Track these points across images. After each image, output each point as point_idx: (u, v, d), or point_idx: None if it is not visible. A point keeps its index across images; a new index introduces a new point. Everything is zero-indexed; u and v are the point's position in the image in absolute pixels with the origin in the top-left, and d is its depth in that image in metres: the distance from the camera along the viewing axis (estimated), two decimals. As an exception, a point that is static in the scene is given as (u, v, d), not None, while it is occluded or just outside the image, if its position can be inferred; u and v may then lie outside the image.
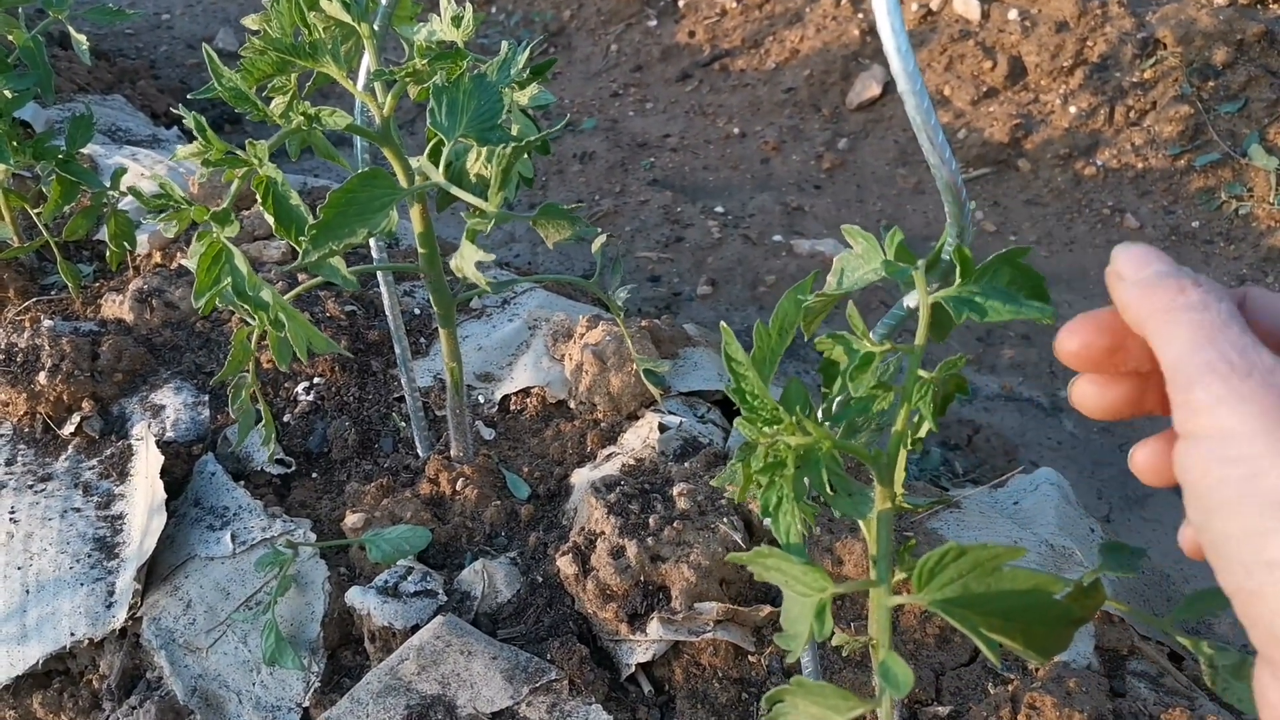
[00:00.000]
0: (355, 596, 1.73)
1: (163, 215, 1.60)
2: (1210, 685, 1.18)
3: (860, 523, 1.30)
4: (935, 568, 1.03)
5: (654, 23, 5.27)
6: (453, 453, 2.02)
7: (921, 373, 1.25)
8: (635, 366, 2.10)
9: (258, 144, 1.50)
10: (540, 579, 1.78)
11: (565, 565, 1.73)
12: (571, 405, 2.21)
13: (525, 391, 2.24)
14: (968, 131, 4.15)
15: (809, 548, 1.82)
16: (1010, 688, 1.61)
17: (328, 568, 1.84)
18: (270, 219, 1.47)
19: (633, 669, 1.66)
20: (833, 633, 1.53)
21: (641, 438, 2.03)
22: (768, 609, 1.70)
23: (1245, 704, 1.14)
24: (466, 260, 1.38)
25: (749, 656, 1.68)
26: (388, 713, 1.59)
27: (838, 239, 3.78)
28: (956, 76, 4.33)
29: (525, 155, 1.66)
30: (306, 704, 1.70)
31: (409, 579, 1.76)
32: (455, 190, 1.43)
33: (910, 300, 1.36)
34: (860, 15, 4.70)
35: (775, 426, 1.20)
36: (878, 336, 1.35)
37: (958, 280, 1.24)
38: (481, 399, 2.24)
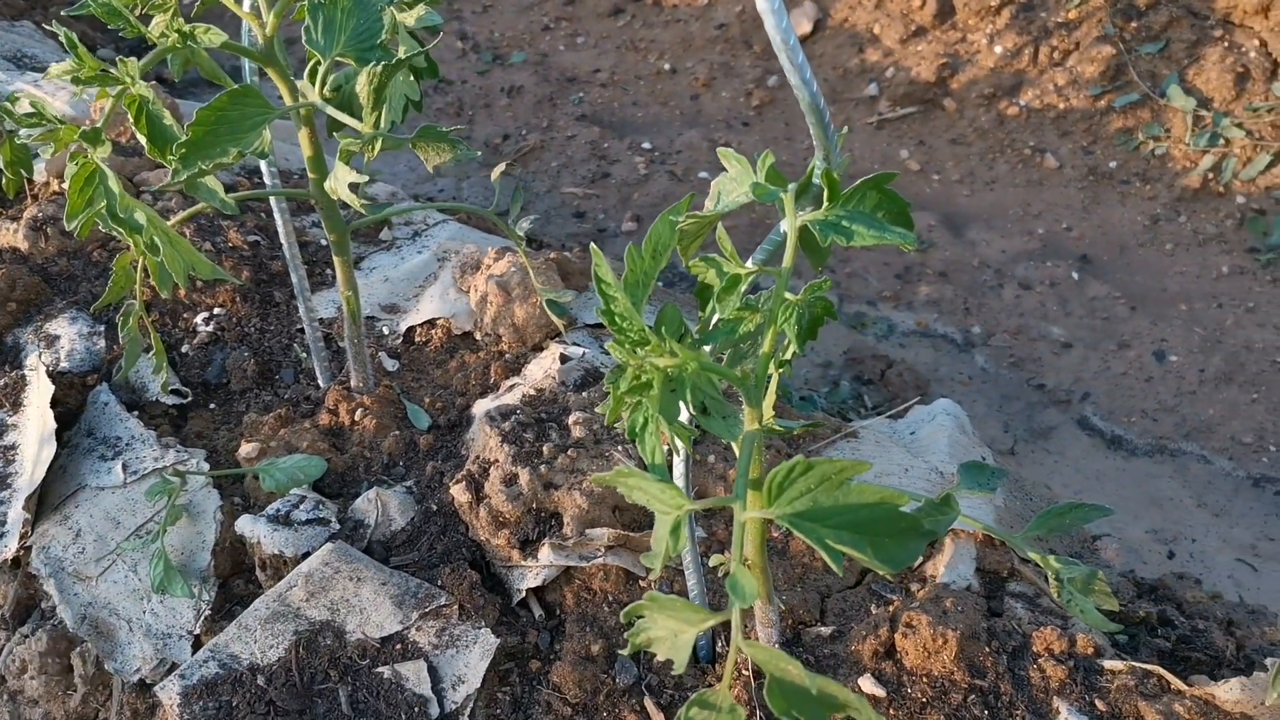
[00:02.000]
0: (245, 525, 1.72)
1: (35, 134, 1.55)
2: (1057, 599, 1.23)
3: (733, 445, 1.32)
4: (784, 482, 1.04)
5: (587, -45, 5.18)
6: (353, 383, 2.01)
7: (788, 295, 1.26)
8: (540, 298, 2.09)
9: (129, 61, 1.46)
10: (435, 507, 1.79)
11: (459, 493, 1.74)
12: (477, 337, 2.20)
13: (431, 323, 2.23)
14: (895, 70, 4.15)
15: (702, 473, 1.85)
16: (891, 608, 1.65)
17: (220, 497, 1.83)
18: (143, 139, 1.43)
19: (523, 594, 1.68)
20: (695, 550, 1.55)
21: (544, 369, 2.03)
22: (653, 535, 1.72)
23: (1088, 615, 1.18)
24: (340, 181, 1.36)
25: (639, 581, 1.70)
26: (276, 638, 1.59)
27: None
28: (886, 15, 4.32)
29: (411, 77, 1.63)
30: (197, 631, 1.70)
31: (301, 507, 1.75)
32: (331, 110, 1.40)
33: (785, 224, 1.36)
34: (793, -50, 4.65)
35: (644, 348, 1.20)
36: (756, 261, 1.35)
37: (825, 204, 1.25)
38: (386, 330, 2.22)
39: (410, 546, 1.74)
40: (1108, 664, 1.55)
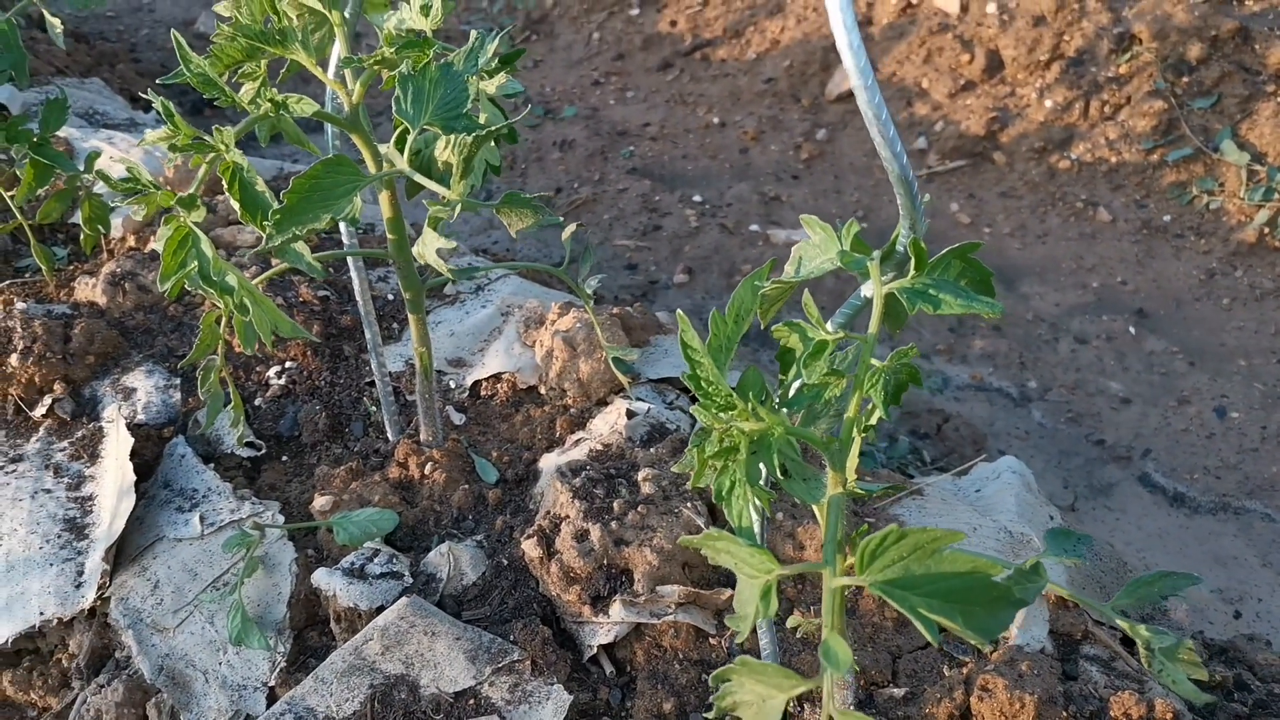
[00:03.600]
0: (321, 578, 1.75)
1: (130, 199, 1.61)
2: (1146, 667, 1.22)
3: (815, 508, 1.33)
4: (877, 550, 1.05)
5: (636, 11, 5.28)
6: (422, 437, 2.04)
7: (874, 361, 1.28)
8: (604, 354, 2.12)
9: (224, 130, 1.52)
10: (506, 562, 1.80)
11: (530, 548, 1.76)
12: (542, 391, 2.23)
13: (496, 377, 2.26)
14: (945, 124, 4.18)
15: (771, 532, 1.85)
16: (965, 670, 1.64)
17: (295, 550, 1.86)
18: (235, 204, 1.48)
19: (594, 650, 1.69)
20: (780, 615, 1.56)
21: (610, 424, 2.05)
22: (728, 592, 1.73)
23: (1180, 685, 1.17)
24: (428, 246, 1.40)
25: (709, 639, 1.71)
26: (351, 691, 1.61)
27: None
28: (935, 69, 4.36)
29: (493, 143, 1.67)
30: (272, 683, 1.72)
31: (375, 561, 1.78)
32: (418, 178, 1.44)
33: (867, 290, 1.38)
34: (841, 6, 4.70)
35: (730, 412, 1.22)
36: (835, 325, 1.37)
37: (911, 272, 1.27)
38: (453, 384, 2.26)
39: (482, 601, 1.76)
40: (1187, 730, 1.53)
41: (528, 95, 4.83)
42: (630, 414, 2.04)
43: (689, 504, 1.81)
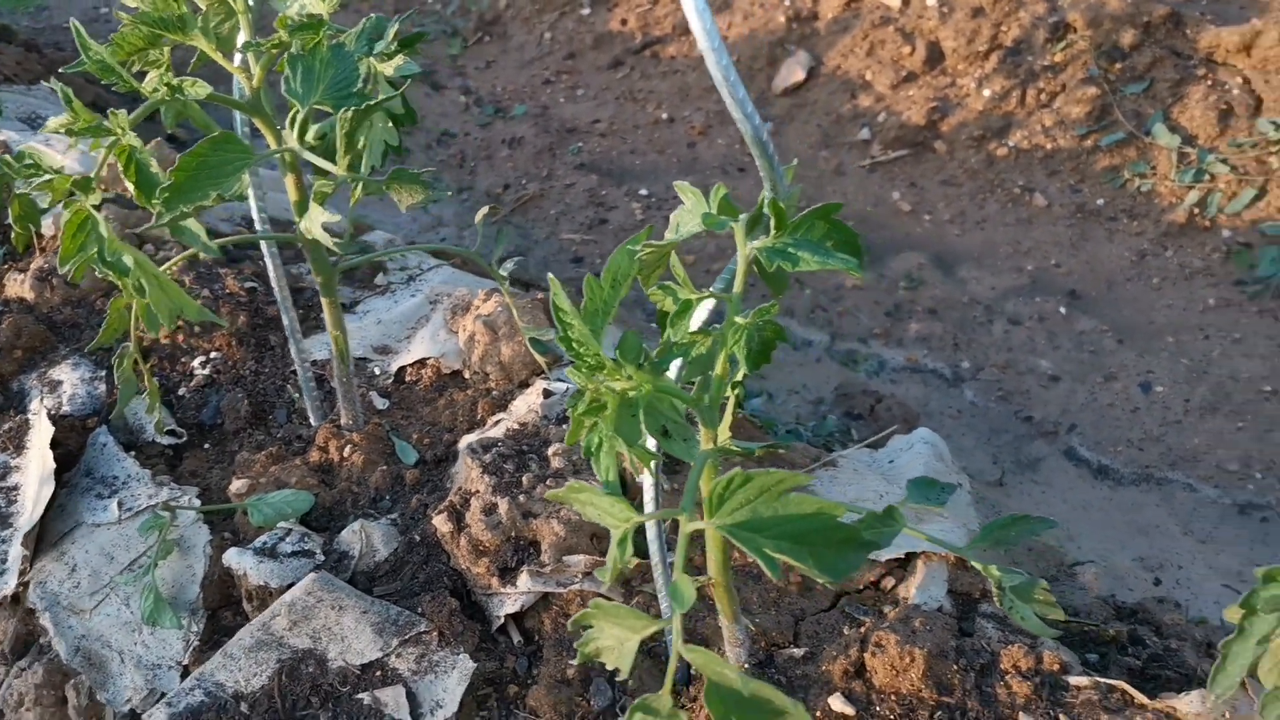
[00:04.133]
0: (232, 557, 1.78)
1: (34, 184, 1.64)
2: (999, 605, 1.26)
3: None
4: (724, 494, 1.09)
5: (587, 10, 5.32)
6: (342, 421, 2.07)
7: (738, 319, 1.32)
8: (524, 336, 2.16)
9: (119, 114, 1.55)
10: (418, 538, 1.83)
11: (441, 524, 1.79)
12: (466, 375, 2.26)
13: (421, 363, 2.29)
14: (887, 114, 4.24)
15: (668, 497, 1.89)
16: (862, 629, 1.68)
17: (211, 533, 1.88)
18: (131, 186, 1.51)
19: (502, 620, 1.72)
20: (666, 571, 1.59)
21: (529, 404, 2.08)
22: (636, 561, 1.76)
23: (1029, 622, 1.22)
24: (314, 221, 1.43)
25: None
26: (259, 666, 1.64)
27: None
28: (878, 61, 4.41)
29: (389, 123, 1.71)
30: (186, 662, 1.75)
31: (287, 540, 1.81)
32: (306, 155, 1.48)
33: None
34: (786, 2, 4.77)
35: (600, 372, 1.26)
36: (717, 288, 1.41)
37: (773, 233, 1.31)
38: (377, 371, 2.29)
39: (393, 576, 1.79)
40: (1073, 680, 1.57)
41: (478, 95, 4.87)
42: (547, 393, 2.07)
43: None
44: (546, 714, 1.60)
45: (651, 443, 1.40)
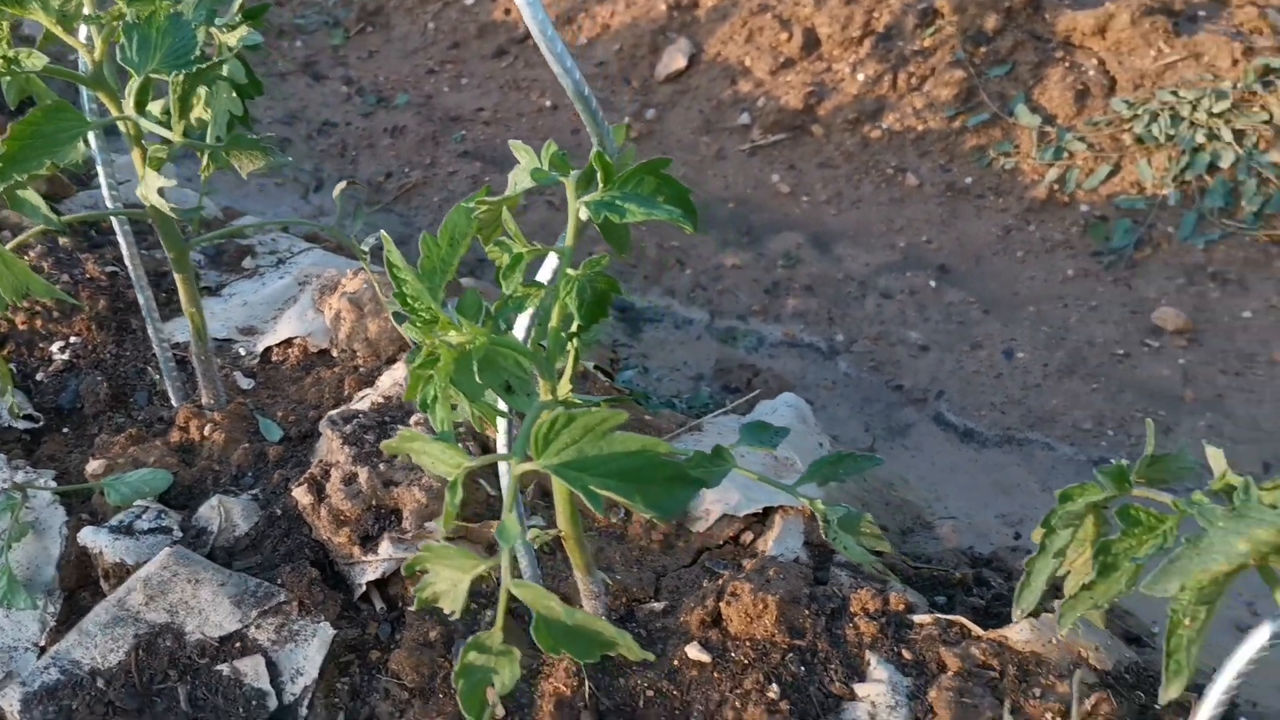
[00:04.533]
0: (88, 536, 1.75)
1: None
2: (825, 537, 1.32)
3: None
4: (549, 434, 1.12)
5: (471, 1, 5.31)
6: (203, 400, 2.05)
7: (569, 271, 1.35)
8: (389, 312, 2.16)
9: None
10: (279, 512, 1.83)
11: (301, 495, 1.79)
12: (333, 354, 2.25)
13: (288, 342, 2.28)
14: (766, 99, 4.32)
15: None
16: (720, 581, 1.73)
17: (68, 514, 1.85)
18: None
19: (364, 588, 1.72)
20: (524, 527, 1.61)
21: (394, 379, 2.09)
22: (497, 524, 1.78)
23: (851, 551, 1.27)
24: (150, 188, 1.42)
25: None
26: (116, 642, 1.62)
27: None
28: (756, 48, 4.49)
29: (234, 93, 1.70)
30: (43, 643, 1.72)
31: (143, 517, 1.79)
32: (143, 122, 1.47)
33: (582, 212, 1.45)
34: (667, -10, 4.82)
35: (436, 327, 1.28)
36: (560, 244, 1.44)
37: (600, 186, 1.35)
38: (243, 351, 2.27)
39: (254, 550, 1.78)
40: (917, 618, 1.65)
41: (361, 85, 4.83)
42: (414, 367, 2.08)
43: (460, 445, 1.86)
44: (409, 676, 1.61)
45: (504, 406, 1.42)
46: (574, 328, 1.34)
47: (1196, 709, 1.13)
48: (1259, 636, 1.07)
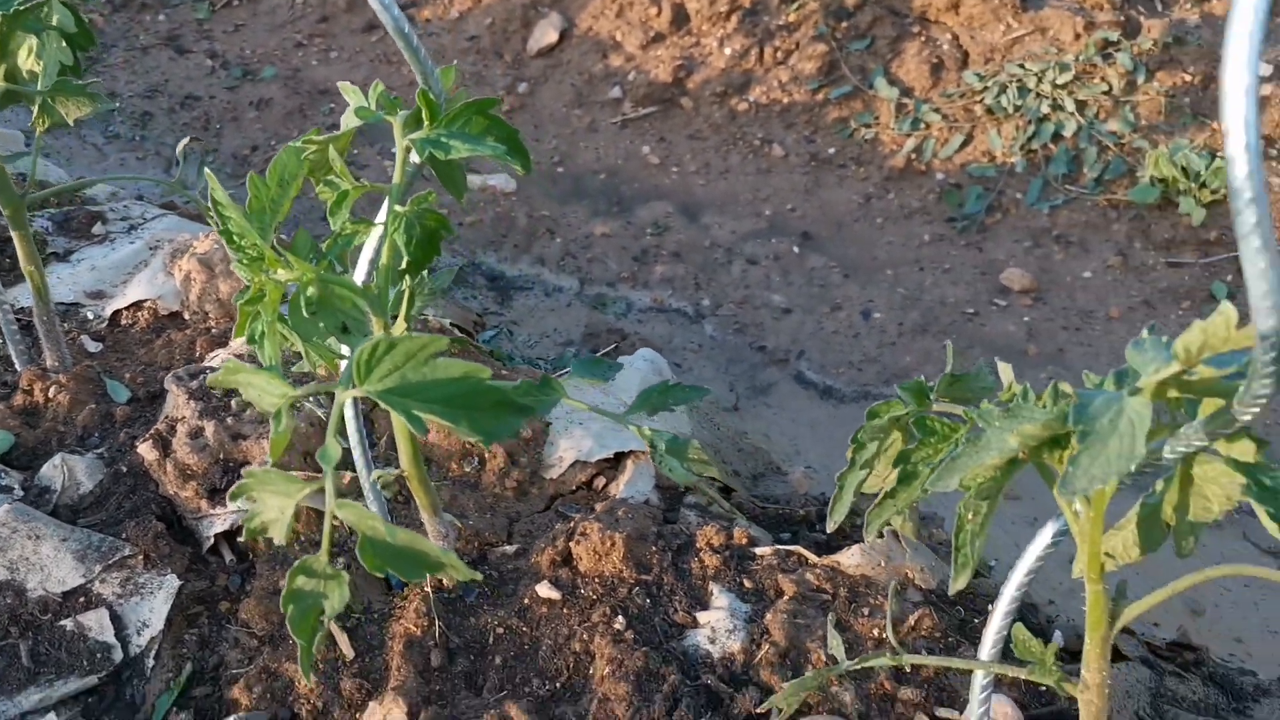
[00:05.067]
0: (-80, 497, 1.70)
1: None
2: (654, 462, 1.37)
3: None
4: (370, 360, 1.14)
5: (340, -26, 5.23)
6: (48, 363, 2.01)
7: (397, 208, 1.37)
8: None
9: None
10: (125, 469, 1.81)
11: (146, 451, 1.77)
12: (185, 316, 2.22)
13: (138, 305, 2.24)
14: (637, 73, 4.37)
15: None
16: (571, 524, 1.77)
17: (-100, 479, 1.79)
18: None
19: (212, 540, 1.72)
20: (369, 465, 1.63)
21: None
22: (349, 475, 1.80)
23: (675, 473, 1.33)
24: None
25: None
26: (-51, 602, 1.58)
27: (509, 173, 3.92)
28: (627, 23, 4.54)
29: (63, 43, 1.67)
30: (-128, 610, 1.67)
31: (-19, 477, 1.75)
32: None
33: (415, 155, 1.47)
34: (538, -35, 4.83)
35: (262, 264, 1.29)
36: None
37: (426, 124, 1.37)
38: (91, 315, 2.22)
39: (99, 507, 1.76)
40: (759, 551, 1.72)
41: (225, 59, 4.72)
42: (267, 326, 2.07)
43: (311, 398, 1.86)
44: (258, 624, 1.62)
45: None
46: (403, 264, 1.36)
47: (995, 608, 1.22)
48: (1044, 535, 1.16)
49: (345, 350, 1.46)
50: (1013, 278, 3.28)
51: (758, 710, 1.44)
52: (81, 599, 1.62)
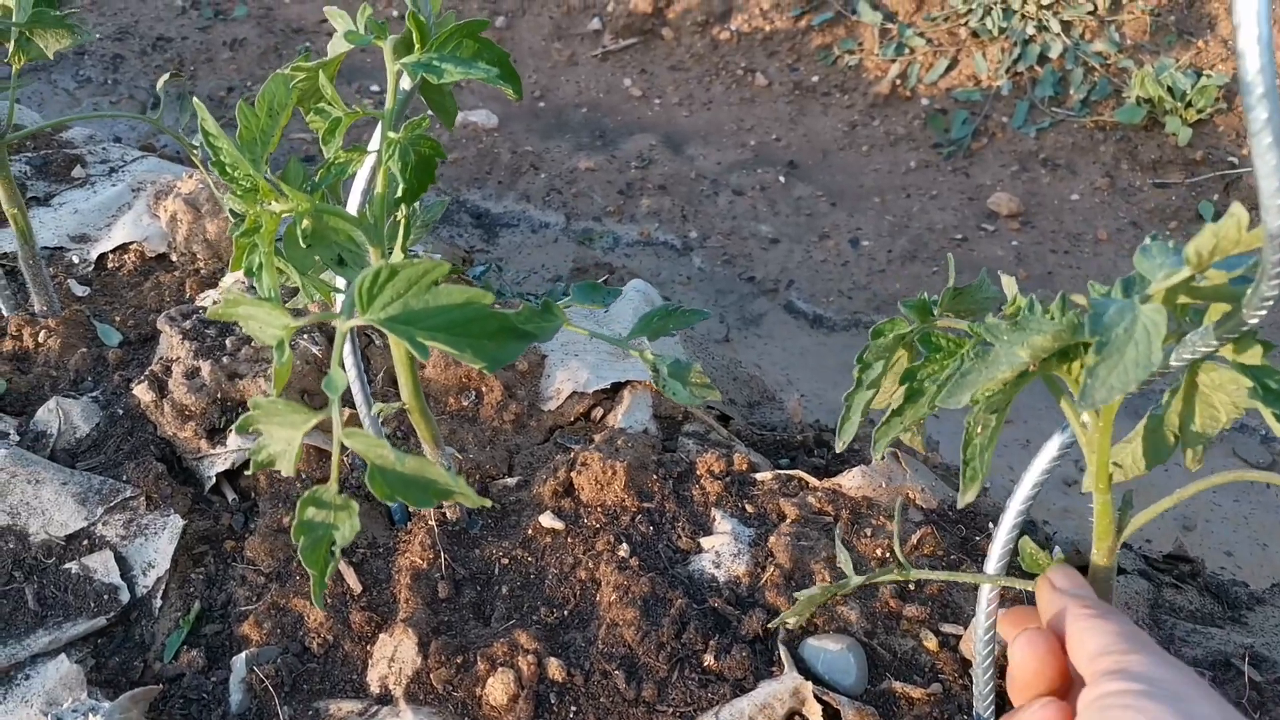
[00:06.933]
0: (-85, 445, 1.69)
1: None
2: (658, 387, 1.37)
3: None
4: (373, 288, 1.13)
5: (309, -92, 5.10)
6: (36, 308, 1.98)
7: (390, 134, 1.35)
8: (226, 210, 2.11)
9: None
10: (121, 411, 1.80)
11: (142, 393, 1.76)
12: (173, 258, 2.20)
13: (124, 248, 2.21)
14: (615, 4, 4.30)
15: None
16: (571, 454, 1.78)
17: (-107, 428, 1.78)
18: None
19: (214, 480, 1.72)
20: (367, 396, 1.62)
21: (239, 277, 2.05)
22: (349, 412, 1.79)
23: (679, 395, 1.33)
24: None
25: (330, 457, 1.77)
26: (-48, 548, 1.58)
27: (490, 109, 3.86)
28: (605, -49, 4.46)
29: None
30: (-127, 559, 1.66)
31: (-24, 424, 1.73)
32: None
33: (405, 82, 1.45)
34: (512, -106, 4.72)
35: (256, 195, 1.27)
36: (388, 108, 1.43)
37: (417, 48, 1.35)
38: (76, 259, 2.19)
39: (97, 450, 1.75)
40: (759, 476, 1.73)
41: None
42: (256, 266, 2.05)
43: (306, 335, 1.85)
44: (264, 561, 1.62)
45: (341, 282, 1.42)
46: (399, 192, 1.35)
47: (1001, 521, 1.23)
48: (1050, 447, 1.16)
49: (341, 283, 1.45)
50: (1000, 202, 3.27)
51: (766, 628, 1.46)
52: (85, 542, 1.62)
